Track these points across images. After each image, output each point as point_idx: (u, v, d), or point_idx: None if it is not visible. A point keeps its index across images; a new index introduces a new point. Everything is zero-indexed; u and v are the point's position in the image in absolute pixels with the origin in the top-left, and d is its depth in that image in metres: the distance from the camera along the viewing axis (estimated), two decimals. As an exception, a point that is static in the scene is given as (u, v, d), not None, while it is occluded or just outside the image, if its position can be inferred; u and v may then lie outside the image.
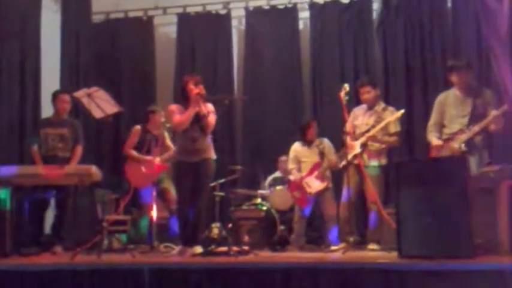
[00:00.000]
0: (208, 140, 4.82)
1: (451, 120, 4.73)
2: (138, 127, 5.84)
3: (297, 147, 5.85)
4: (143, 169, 5.65)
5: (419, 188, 3.75)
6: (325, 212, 5.62)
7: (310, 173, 5.70)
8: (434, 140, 4.79)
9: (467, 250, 3.49)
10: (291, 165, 5.86)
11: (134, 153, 5.75)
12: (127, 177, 5.73)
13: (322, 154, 5.67)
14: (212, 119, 4.76)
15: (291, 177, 5.96)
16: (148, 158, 5.60)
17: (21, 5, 6.24)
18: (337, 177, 5.75)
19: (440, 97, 4.90)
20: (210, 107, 4.83)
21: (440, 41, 6.58)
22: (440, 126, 4.84)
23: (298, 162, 5.82)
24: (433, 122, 4.90)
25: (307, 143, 5.77)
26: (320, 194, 5.64)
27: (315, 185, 5.63)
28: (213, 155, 4.82)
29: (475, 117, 4.58)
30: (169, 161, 5.68)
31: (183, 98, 4.82)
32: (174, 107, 4.85)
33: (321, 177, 5.63)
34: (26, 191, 5.32)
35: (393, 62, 6.75)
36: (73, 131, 5.57)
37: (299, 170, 5.79)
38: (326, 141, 5.76)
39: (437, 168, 3.82)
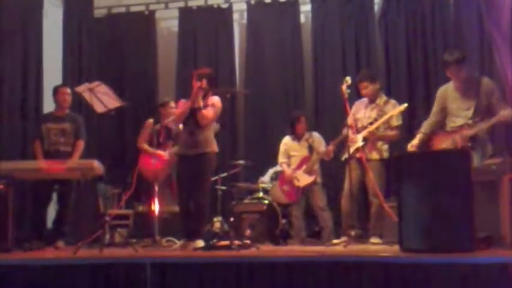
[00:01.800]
0: (209, 133, 4.82)
1: (452, 114, 4.67)
2: (150, 120, 5.84)
3: (287, 141, 5.88)
4: (154, 163, 5.63)
5: (420, 181, 3.74)
6: (315, 204, 5.65)
7: (299, 167, 5.72)
8: (415, 139, 4.74)
9: (469, 243, 3.49)
10: (281, 159, 5.89)
11: (146, 146, 5.74)
12: (141, 171, 5.69)
13: (311, 148, 5.70)
14: (209, 112, 4.74)
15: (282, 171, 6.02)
16: (158, 152, 5.60)
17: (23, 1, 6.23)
18: (328, 170, 5.81)
19: (441, 89, 4.82)
20: (214, 100, 4.81)
21: (442, 34, 6.55)
22: (439, 120, 4.76)
23: (288, 156, 5.84)
24: (431, 113, 4.83)
25: (297, 137, 5.81)
26: (308, 187, 5.65)
27: (303, 178, 5.65)
28: (214, 149, 4.82)
29: (479, 109, 4.51)
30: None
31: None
32: (180, 102, 4.90)
33: (309, 171, 5.64)
34: (28, 185, 5.34)
35: (395, 54, 6.72)
36: (75, 125, 5.57)
37: (288, 164, 5.82)
38: (315, 135, 5.78)
39: (439, 161, 3.80)
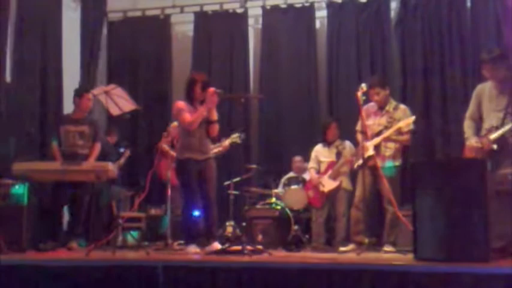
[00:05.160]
0: (209, 140, 4.87)
1: (487, 114, 4.51)
2: (175, 123, 5.62)
3: (318, 147, 5.92)
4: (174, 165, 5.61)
5: (436, 189, 3.70)
6: (337, 210, 5.65)
7: (325, 172, 5.74)
8: (472, 140, 4.49)
9: (484, 253, 3.44)
10: (310, 164, 5.93)
11: (166, 148, 5.69)
12: (158, 171, 5.69)
13: (339, 154, 5.69)
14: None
15: (307, 176, 6.03)
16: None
17: (42, 4, 6.29)
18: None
19: (478, 88, 4.65)
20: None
21: (458, 40, 6.49)
22: (476, 119, 4.60)
23: (318, 162, 5.86)
24: (468, 114, 4.67)
25: (328, 143, 5.82)
26: (333, 192, 5.65)
27: (328, 183, 5.66)
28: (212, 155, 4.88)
29: (510, 112, 4.35)
30: None
31: (188, 96, 4.80)
32: (182, 104, 4.78)
33: (335, 176, 5.65)
34: (45, 186, 5.38)
35: (411, 61, 6.68)
36: (93, 128, 5.61)
37: (318, 170, 5.83)
38: (347, 143, 5.77)
39: (454, 169, 3.76)
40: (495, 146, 4.26)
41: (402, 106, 5.25)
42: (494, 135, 4.34)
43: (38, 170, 4.97)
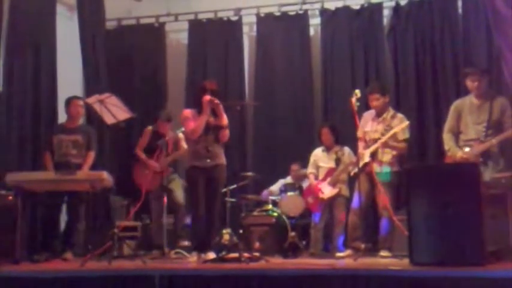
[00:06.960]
0: (220, 146, 4.84)
1: (466, 127, 4.69)
2: (149, 128, 5.86)
3: (317, 152, 5.94)
4: (148, 172, 5.61)
5: (430, 194, 3.73)
6: (336, 217, 5.67)
7: (324, 178, 5.75)
8: (459, 152, 4.67)
9: (479, 257, 3.47)
10: (309, 170, 5.94)
11: (142, 154, 5.76)
12: (135, 180, 5.72)
13: (338, 161, 5.71)
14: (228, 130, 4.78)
15: (306, 182, 6.06)
16: (152, 163, 5.59)
17: (35, 12, 6.28)
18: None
19: (457, 103, 4.86)
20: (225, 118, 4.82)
21: (450, 48, 6.54)
22: (455, 132, 4.79)
23: (317, 167, 5.88)
24: (447, 127, 4.87)
25: (326, 148, 5.84)
26: (332, 199, 5.68)
27: (327, 190, 5.67)
28: (224, 161, 4.83)
29: (492, 125, 4.55)
30: (176, 160, 5.74)
31: (197, 104, 4.79)
32: (188, 112, 4.82)
33: (334, 183, 5.66)
34: (39, 196, 5.35)
35: (404, 68, 6.72)
36: (86, 137, 5.57)
37: (316, 175, 5.86)
38: (346, 149, 5.80)
39: (449, 174, 3.79)
40: (481, 159, 4.36)
41: (399, 115, 5.28)
42: (479, 149, 4.46)
43: (31, 180, 4.93)
